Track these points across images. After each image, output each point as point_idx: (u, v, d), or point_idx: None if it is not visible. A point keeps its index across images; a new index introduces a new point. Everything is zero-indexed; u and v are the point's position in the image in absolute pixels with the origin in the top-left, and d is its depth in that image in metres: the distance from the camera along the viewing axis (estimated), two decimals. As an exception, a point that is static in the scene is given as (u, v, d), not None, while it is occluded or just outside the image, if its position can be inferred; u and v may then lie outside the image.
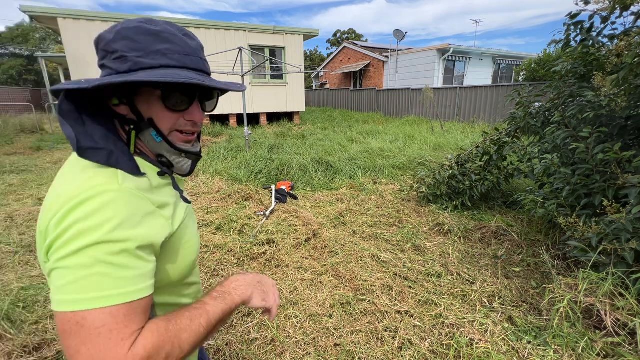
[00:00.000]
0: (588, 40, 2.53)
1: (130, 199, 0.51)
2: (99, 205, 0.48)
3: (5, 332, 1.81)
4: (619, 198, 2.05)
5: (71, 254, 0.45)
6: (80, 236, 0.45)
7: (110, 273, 0.46)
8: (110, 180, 0.51)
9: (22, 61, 28.67)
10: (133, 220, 0.50)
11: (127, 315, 0.46)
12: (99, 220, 0.46)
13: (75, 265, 0.45)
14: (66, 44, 8.64)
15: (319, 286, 2.40)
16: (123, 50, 0.54)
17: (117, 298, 0.46)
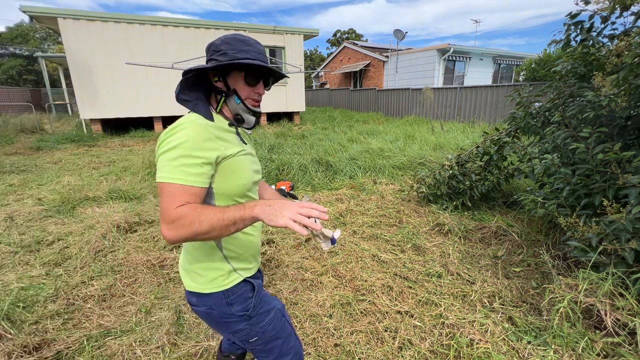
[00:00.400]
0: (588, 40, 2.53)
1: (198, 127, 0.85)
2: (179, 130, 0.84)
3: (5, 332, 1.81)
4: (619, 198, 2.05)
5: (162, 153, 0.83)
6: (167, 145, 0.83)
7: (177, 166, 0.81)
8: (190, 118, 0.88)
9: (22, 61, 28.66)
10: (197, 140, 0.83)
11: (181, 191, 0.80)
12: (177, 138, 0.82)
13: (162, 159, 0.82)
14: (66, 44, 8.63)
15: (319, 286, 2.40)
16: (225, 49, 0.90)
17: (177, 180, 0.80)
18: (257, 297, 1.04)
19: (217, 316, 0.99)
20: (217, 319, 1.00)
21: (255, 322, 1.03)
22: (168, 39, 9.68)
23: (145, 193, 4.35)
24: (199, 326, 2.00)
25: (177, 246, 2.94)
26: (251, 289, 1.04)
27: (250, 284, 1.04)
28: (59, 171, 5.49)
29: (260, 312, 1.04)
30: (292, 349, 1.11)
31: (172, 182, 0.80)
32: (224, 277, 0.97)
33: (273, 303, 1.11)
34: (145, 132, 9.93)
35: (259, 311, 1.04)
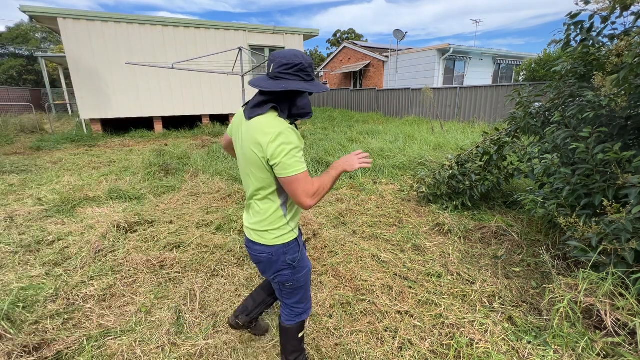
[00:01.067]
0: (588, 40, 2.53)
1: (292, 130, 1.16)
2: (287, 135, 1.14)
3: (5, 332, 1.81)
4: (619, 198, 2.05)
5: (286, 154, 1.12)
6: (285, 147, 1.12)
7: (299, 159, 1.14)
8: (283, 124, 1.16)
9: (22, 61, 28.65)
10: (297, 139, 1.16)
11: (307, 174, 1.15)
12: (290, 141, 1.13)
13: (289, 158, 1.12)
14: (66, 44, 8.63)
15: (319, 286, 2.40)
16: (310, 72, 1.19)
17: (304, 169, 1.14)
18: (301, 253, 1.38)
19: (274, 261, 1.33)
20: (273, 263, 1.34)
21: (295, 272, 1.37)
22: (168, 39, 9.67)
23: (145, 193, 4.35)
24: (199, 326, 2.00)
25: (177, 246, 2.94)
26: (297, 245, 1.37)
27: (297, 241, 1.37)
28: (59, 171, 5.49)
29: (300, 266, 1.39)
30: (307, 300, 1.50)
31: (303, 172, 1.15)
32: (286, 234, 1.32)
33: (308, 263, 1.47)
34: (145, 132, 9.93)
35: (300, 264, 1.38)
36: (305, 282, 1.43)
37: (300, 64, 1.14)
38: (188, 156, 6.26)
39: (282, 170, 1.12)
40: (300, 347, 1.56)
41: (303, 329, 1.53)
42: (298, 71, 1.15)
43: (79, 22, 8.60)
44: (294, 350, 1.54)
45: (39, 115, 13.14)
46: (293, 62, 1.14)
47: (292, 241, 1.33)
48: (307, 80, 1.17)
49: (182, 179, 4.98)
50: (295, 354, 1.55)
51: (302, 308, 1.48)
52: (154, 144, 8.06)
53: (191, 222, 3.44)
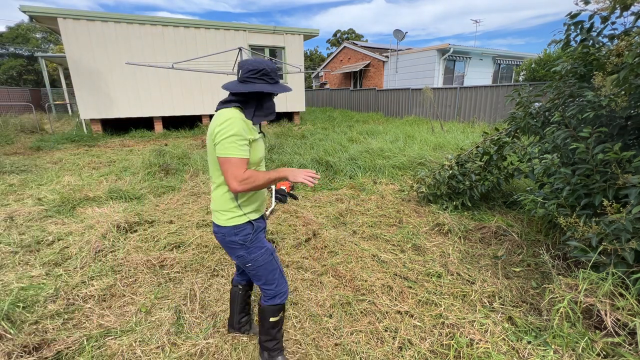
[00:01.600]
0: (588, 40, 2.53)
1: (241, 120, 1.32)
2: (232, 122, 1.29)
3: (5, 332, 1.81)
4: (619, 198, 2.05)
5: (224, 138, 1.28)
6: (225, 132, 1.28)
7: (238, 145, 1.29)
8: (235, 114, 1.33)
9: (22, 61, 28.65)
10: (242, 129, 1.30)
11: (243, 162, 1.30)
12: (231, 128, 1.28)
13: (226, 142, 1.28)
14: (66, 44, 8.63)
15: (319, 286, 2.40)
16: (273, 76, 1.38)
17: (241, 154, 1.30)
18: (255, 235, 1.48)
19: (227, 242, 1.47)
20: (227, 244, 1.48)
21: (250, 251, 1.48)
22: (168, 39, 9.67)
23: (145, 193, 4.35)
24: (199, 325, 2.00)
25: (177, 246, 2.94)
26: (251, 227, 1.47)
27: (251, 224, 1.48)
28: (59, 171, 5.49)
29: (254, 245, 1.49)
30: (276, 281, 1.56)
31: (237, 156, 1.29)
32: (237, 217, 1.44)
33: (266, 244, 1.54)
34: (146, 132, 9.93)
35: (253, 244, 1.48)
36: (265, 262, 1.51)
37: (264, 69, 1.34)
38: (188, 156, 6.26)
39: (220, 150, 1.29)
40: (272, 334, 1.63)
41: (278, 315, 1.60)
42: (262, 75, 1.34)
43: (79, 22, 8.60)
44: (266, 333, 1.62)
45: (39, 115, 13.14)
46: (258, 67, 1.33)
47: (243, 224, 1.45)
48: (271, 83, 1.36)
49: (182, 179, 4.98)
50: (266, 337, 1.63)
51: (273, 290, 1.56)
52: (154, 144, 8.06)
53: (191, 222, 3.44)
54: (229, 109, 1.35)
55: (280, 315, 1.61)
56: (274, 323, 1.60)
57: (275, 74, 1.37)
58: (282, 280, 1.60)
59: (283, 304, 1.61)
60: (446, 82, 15.83)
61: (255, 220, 1.50)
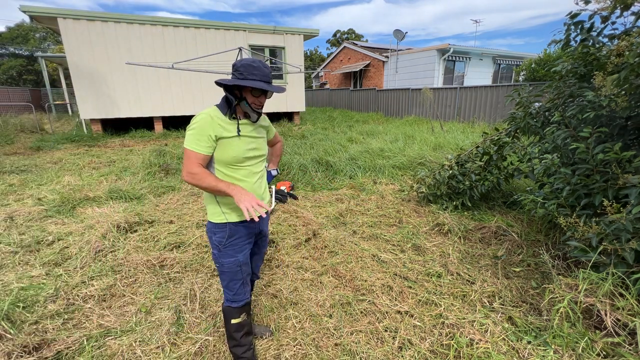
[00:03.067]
0: (588, 40, 2.52)
1: (208, 116, 1.37)
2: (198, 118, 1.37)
3: (5, 332, 1.81)
4: (619, 198, 2.05)
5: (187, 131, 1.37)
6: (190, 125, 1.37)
7: (195, 139, 1.34)
8: (207, 110, 1.40)
9: (22, 61, 28.64)
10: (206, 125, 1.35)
11: (196, 155, 1.35)
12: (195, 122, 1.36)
13: (187, 135, 1.36)
14: (66, 44, 8.63)
15: (319, 286, 2.40)
16: (242, 70, 1.36)
17: (196, 149, 1.35)
18: (229, 240, 1.50)
19: (209, 237, 1.54)
20: (209, 239, 1.54)
21: (221, 255, 1.51)
22: (168, 38, 9.67)
23: (145, 193, 4.35)
24: (199, 325, 2.00)
25: (177, 246, 2.94)
26: (226, 232, 1.49)
27: (226, 228, 1.49)
28: (59, 171, 5.49)
29: (227, 252, 1.51)
30: (234, 290, 1.57)
31: (194, 150, 1.34)
32: (216, 214, 1.48)
33: (238, 255, 1.53)
34: (146, 132, 9.93)
35: (226, 250, 1.50)
36: (229, 271, 1.52)
37: (235, 64, 1.40)
38: (188, 156, 6.25)
39: (184, 141, 1.38)
40: (236, 337, 1.61)
41: (238, 317, 1.59)
42: (234, 71, 1.40)
43: (79, 22, 8.60)
44: (231, 337, 1.62)
45: (39, 115, 13.14)
46: (235, 64, 1.40)
47: (221, 223, 1.48)
48: (239, 78, 1.37)
49: (182, 179, 4.97)
50: (234, 343, 1.63)
51: (230, 295, 1.58)
52: (154, 144, 8.06)
53: (191, 222, 3.44)
54: (208, 108, 1.42)
55: (242, 318, 1.60)
56: (237, 326, 1.59)
57: (244, 69, 1.35)
58: (242, 290, 1.58)
59: (240, 307, 1.59)
60: (446, 82, 15.83)
61: (234, 224, 1.49)
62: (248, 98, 1.41)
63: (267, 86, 1.36)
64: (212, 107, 1.41)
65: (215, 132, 1.35)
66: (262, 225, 1.65)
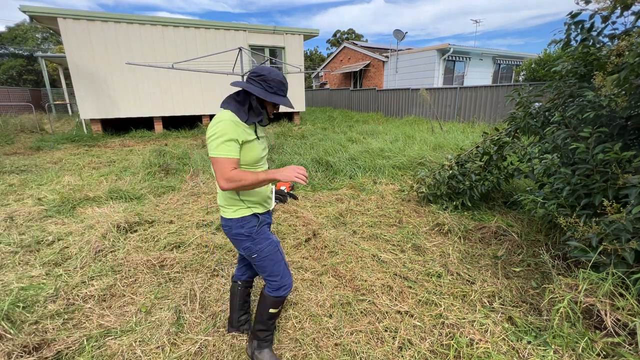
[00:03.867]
0: (588, 39, 2.52)
1: (230, 122, 1.37)
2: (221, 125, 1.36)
3: (5, 332, 1.81)
4: (619, 198, 2.05)
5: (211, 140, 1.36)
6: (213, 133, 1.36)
7: (224, 146, 1.35)
8: (226, 116, 1.39)
9: (22, 61, 28.63)
10: (231, 130, 1.36)
11: (229, 161, 1.36)
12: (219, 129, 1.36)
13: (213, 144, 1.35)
14: (66, 44, 8.63)
15: (319, 286, 2.40)
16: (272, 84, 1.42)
17: (227, 155, 1.35)
18: (260, 227, 1.55)
19: (234, 234, 1.54)
20: (234, 236, 1.55)
21: (255, 242, 1.54)
22: (168, 39, 9.67)
23: (145, 193, 4.35)
24: (199, 325, 2.00)
25: (177, 246, 2.94)
26: (257, 220, 1.55)
27: (256, 217, 1.55)
28: (59, 171, 5.49)
29: (260, 237, 1.55)
30: (281, 272, 1.60)
31: (224, 156, 1.35)
32: (241, 209, 1.52)
33: (271, 237, 1.61)
34: (146, 132, 9.93)
35: (259, 235, 1.54)
36: (270, 253, 1.56)
37: (264, 75, 1.41)
38: (188, 156, 6.26)
39: (210, 151, 1.37)
40: (268, 324, 1.68)
41: (277, 307, 1.65)
42: (261, 80, 1.42)
43: (79, 22, 8.60)
44: (263, 323, 1.67)
45: (39, 115, 13.14)
46: (260, 72, 1.42)
47: (248, 216, 1.52)
48: (267, 90, 1.42)
49: (182, 179, 4.98)
50: (261, 326, 1.68)
51: (277, 282, 1.59)
52: (154, 144, 8.06)
53: (191, 222, 3.44)
54: (224, 112, 1.41)
55: (279, 308, 1.66)
56: (273, 314, 1.65)
57: (275, 84, 1.42)
58: (287, 272, 1.63)
59: (286, 297, 1.64)
60: (446, 82, 15.83)
61: (260, 214, 1.57)
62: (268, 108, 1.52)
63: (291, 104, 1.48)
64: (227, 112, 1.40)
65: (240, 136, 1.38)
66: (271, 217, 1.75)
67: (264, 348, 1.70)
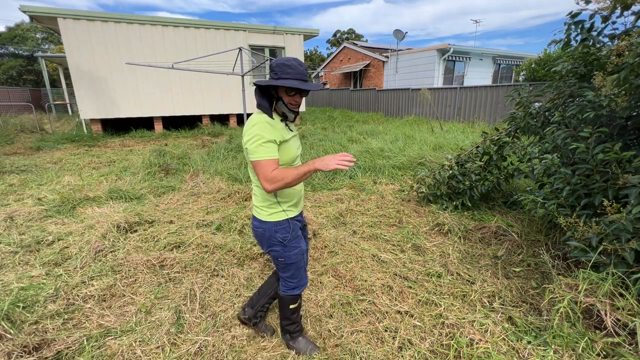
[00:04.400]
0: (589, 39, 2.52)
1: (266, 123, 1.37)
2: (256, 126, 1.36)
3: (5, 332, 1.81)
4: (619, 198, 2.05)
5: (250, 142, 1.36)
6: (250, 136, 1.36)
7: (263, 148, 1.34)
8: (259, 118, 1.39)
9: (22, 61, 28.63)
10: (268, 132, 1.35)
11: (271, 163, 1.34)
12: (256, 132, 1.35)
13: (252, 147, 1.35)
14: (66, 44, 8.63)
15: (319, 286, 2.40)
16: (276, 70, 1.37)
17: (267, 157, 1.34)
18: (293, 233, 1.58)
19: (267, 237, 1.55)
20: (266, 239, 1.57)
21: (286, 250, 1.57)
22: (168, 39, 9.67)
23: (145, 193, 4.35)
24: (199, 325, 2.00)
25: (177, 246, 2.94)
26: (289, 227, 1.56)
27: (289, 223, 1.56)
28: (59, 171, 5.49)
29: (291, 245, 1.58)
30: (299, 277, 1.69)
31: (266, 159, 1.34)
32: (278, 213, 1.53)
33: (302, 244, 1.64)
34: (146, 132, 9.93)
35: (291, 243, 1.58)
36: (296, 260, 1.62)
37: (271, 65, 1.41)
38: (188, 156, 6.26)
39: (249, 155, 1.38)
40: (293, 318, 1.78)
41: (296, 302, 1.74)
42: (270, 71, 1.42)
43: (79, 22, 8.60)
44: (287, 318, 1.77)
45: (39, 115, 13.15)
46: (270, 65, 1.44)
47: (283, 220, 1.54)
48: (274, 78, 1.38)
49: (182, 179, 4.98)
50: (287, 321, 1.78)
51: (294, 283, 1.69)
52: (154, 144, 8.06)
53: (191, 222, 3.44)
54: (256, 114, 1.43)
55: (298, 302, 1.75)
56: (294, 309, 1.75)
57: (279, 68, 1.36)
58: (304, 274, 1.72)
59: (301, 293, 1.74)
60: (446, 82, 15.83)
61: (293, 218, 1.59)
62: (284, 98, 1.42)
63: (301, 84, 1.34)
64: (259, 114, 1.41)
65: (276, 137, 1.38)
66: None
67: (297, 337, 1.82)
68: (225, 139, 8.21)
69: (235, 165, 5.38)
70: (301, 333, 1.84)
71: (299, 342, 1.80)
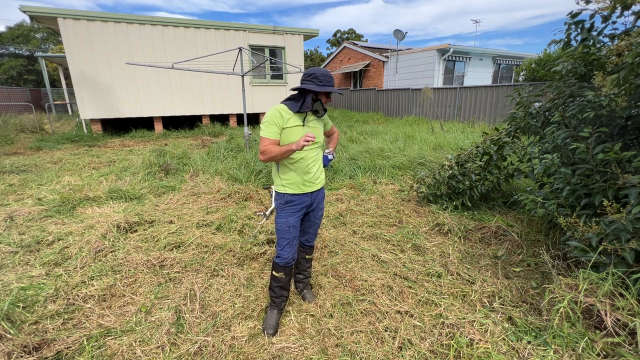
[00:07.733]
0: (589, 39, 2.52)
1: (277, 111, 1.80)
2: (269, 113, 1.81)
3: (5, 332, 1.81)
4: (619, 198, 2.05)
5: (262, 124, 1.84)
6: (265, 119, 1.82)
7: (267, 128, 1.79)
8: (277, 106, 1.84)
9: (22, 61, 28.62)
10: (274, 118, 1.78)
11: (267, 140, 1.79)
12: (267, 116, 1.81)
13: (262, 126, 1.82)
14: (66, 44, 8.63)
15: (319, 286, 2.40)
16: (321, 79, 1.77)
17: (266, 135, 1.79)
18: (285, 205, 1.92)
19: (276, 204, 1.97)
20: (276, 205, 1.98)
21: (278, 216, 1.95)
22: (168, 39, 9.67)
23: (145, 193, 4.35)
24: (199, 325, 2.00)
25: (177, 246, 2.94)
26: (283, 198, 1.91)
27: (283, 195, 1.91)
28: (59, 171, 5.49)
29: (281, 214, 1.94)
30: (281, 247, 1.96)
31: (264, 136, 1.77)
32: (279, 186, 1.93)
33: (289, 218, 1.93)
34: (146, 132, 9.93)
35: (281, 212, 1.94)
36: (280, 229, 1.93)
37: (314, 73, 1.76)
38: (188, 156, 6.26)
39: (259, 131, 1.79)
40: (273, 288, 2.03)
41: (279, 272, 1.98)
42: (313, 78, 1.76)
43: (79, 22, 8.60)
44: (270, 283, 2.06)
45: (39, 115, 13.15)
46: (309, 72, 1.78)
47: (282, 194, 1.92)
48: (317, 84, 1.76)
49: (182, 179, 4.98)
50: (270, 289, 2.06)
51: (278, 250, 1.97)
52: (154, 144, 8.06)
53: (191, 222, 3.44)
54: (276, 105, 1.82)
55: (281, 275, 1.98)
56: (274, 277, 2.00)
57: (324, 78, 1.75)
58: (288, 249, 1.95)
59: (281, 265, 1.96)
60: (446, 82, 15.82)
61: (290, 194, 1.91)
62: (322, 99, 1.85)
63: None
64: (281, 105, 1.82)
65: (280, 123, 1.77)
66: (313, 200, 2.00)
67: (271, 309, 2.04)
68: (225, 138, 8.20)
69: (235, 166, 5.38)
70: (274, 308, 2.04)
71: (268, 314, 2.04)
